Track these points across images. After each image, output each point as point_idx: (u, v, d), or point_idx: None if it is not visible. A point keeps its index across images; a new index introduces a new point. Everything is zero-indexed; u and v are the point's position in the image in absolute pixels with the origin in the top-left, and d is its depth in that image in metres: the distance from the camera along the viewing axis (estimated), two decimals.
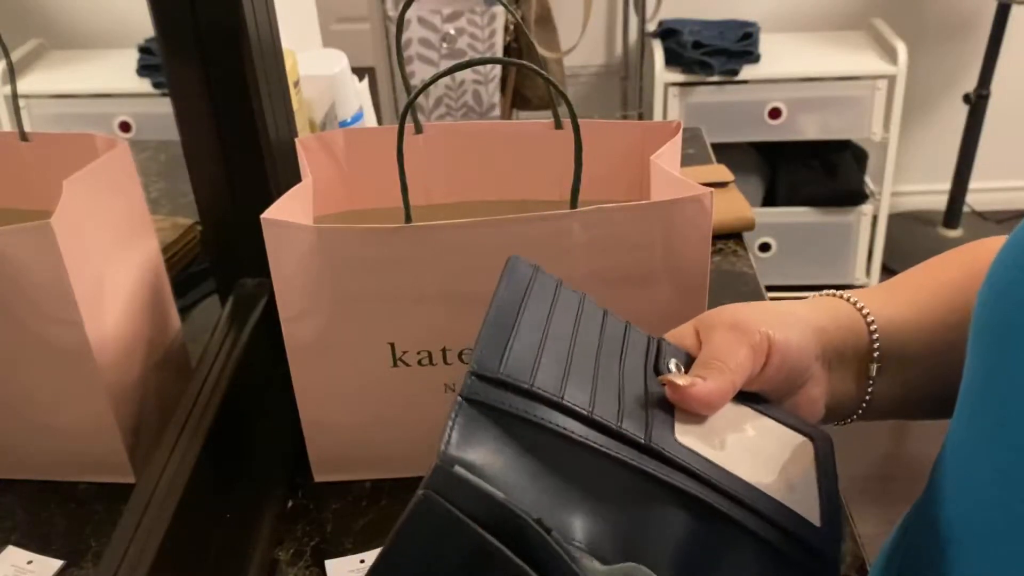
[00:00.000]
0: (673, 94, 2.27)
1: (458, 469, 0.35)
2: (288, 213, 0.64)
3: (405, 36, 2.14)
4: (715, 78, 2.24)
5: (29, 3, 1.00)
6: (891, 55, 2.25)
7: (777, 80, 2.25)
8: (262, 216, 0.62)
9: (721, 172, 1.18)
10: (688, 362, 0.49)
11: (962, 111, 2.47)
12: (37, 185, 0.72)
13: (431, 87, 2.07)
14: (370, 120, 1.17)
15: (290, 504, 0.74)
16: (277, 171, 0.78)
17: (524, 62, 0.62)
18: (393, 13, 2.20)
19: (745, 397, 0.49)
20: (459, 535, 0.35)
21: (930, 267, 0.58)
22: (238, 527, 0.68)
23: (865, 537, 0.71)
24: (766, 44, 2.30)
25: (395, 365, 0.68)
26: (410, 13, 2.11)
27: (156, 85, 1.06)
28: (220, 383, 0.69)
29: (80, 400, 0.66)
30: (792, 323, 0.51)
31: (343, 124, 1.10)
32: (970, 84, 2.44)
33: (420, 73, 2.17)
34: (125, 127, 1.06)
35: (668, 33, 2.32)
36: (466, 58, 1.88)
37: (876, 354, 0.53)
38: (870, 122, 2.28)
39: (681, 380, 0.45)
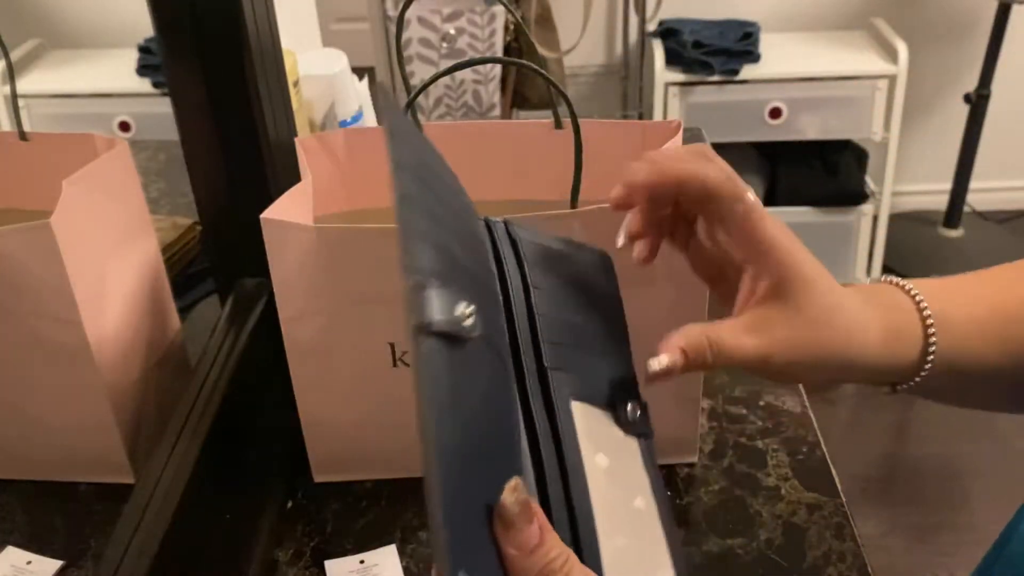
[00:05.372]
0: (673, 94, 2.26)
1: None
2: (288, 213, 0.64)
3: (405, 36, 2.14)
4: (715, 78, 2.24)
5: (29, 3, 1.00)
6: (892, 55, 2.24)
7: (777, 80, 2.25)
8: (262, 216, 0.62)
9: None
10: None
11: (963, 111, 2.46)
12: (37, 185, 0.72)
13: (431, 87, 2.07)
14: (370, 120, 1.17)
15: (290, 504, 0.74)
16: (277, 171, 0.78)
17: (524, 62, 0.62)
18: (393, 13, 2.19)
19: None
20: None
21: (1005, 279, 0.50)
22: (238, 527, 0.68)
23: (865, 537, 0.71)
24: (766, 44, 2.30)
25: (395, 365, 0.68)
26: (410, 13, 2.11)
27: (156, 85, 1.06)
28: (220, 383, 0.69)
29: (80, 400, 0.66)
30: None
31: (343, 124, 1.10)
32: (971, 84, 2.44)
33: (420, 73, 2.17)
34: (125, 127, 1.06)
35: (668, 33, 2.32)
36: (466, 58, 1.88)
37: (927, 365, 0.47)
38: (870, 122, 2.27)
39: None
